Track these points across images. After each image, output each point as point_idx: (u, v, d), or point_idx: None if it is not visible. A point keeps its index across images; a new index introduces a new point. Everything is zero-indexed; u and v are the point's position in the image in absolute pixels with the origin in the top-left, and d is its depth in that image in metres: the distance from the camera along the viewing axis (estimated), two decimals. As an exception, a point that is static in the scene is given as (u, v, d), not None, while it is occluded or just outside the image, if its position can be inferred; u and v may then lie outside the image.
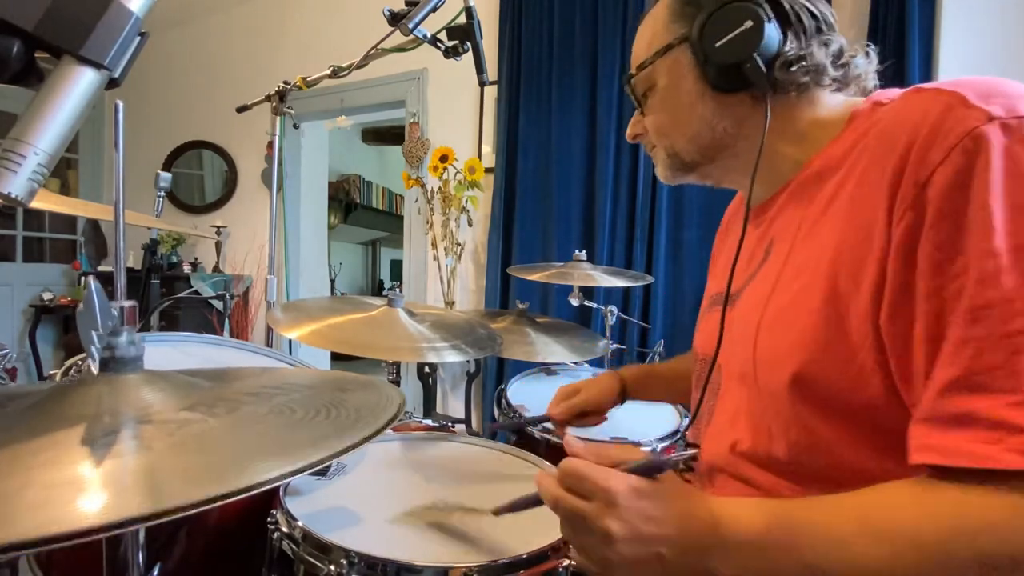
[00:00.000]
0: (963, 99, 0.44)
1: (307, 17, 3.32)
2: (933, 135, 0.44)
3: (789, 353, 0.53)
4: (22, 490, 0.34)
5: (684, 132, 0.65)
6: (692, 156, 0.66)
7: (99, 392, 0.46)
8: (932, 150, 0.44)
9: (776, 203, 0.64)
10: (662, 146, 0.68)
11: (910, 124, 0.46)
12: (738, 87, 0.60)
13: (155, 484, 0.36)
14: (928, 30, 1.89)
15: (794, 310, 0.54)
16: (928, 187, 0.43)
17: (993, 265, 0.40)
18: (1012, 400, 0.39)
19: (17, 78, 0.39)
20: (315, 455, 0.40)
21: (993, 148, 0.41)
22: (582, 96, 2.40)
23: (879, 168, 0.48)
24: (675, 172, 0.69)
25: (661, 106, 0.66)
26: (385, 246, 6.47)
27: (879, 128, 0.51)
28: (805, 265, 0.54)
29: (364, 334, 1.09)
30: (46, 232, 3.99)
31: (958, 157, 0.42)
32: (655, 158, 0.71)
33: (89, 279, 0.52)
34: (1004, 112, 0.42)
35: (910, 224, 0.44)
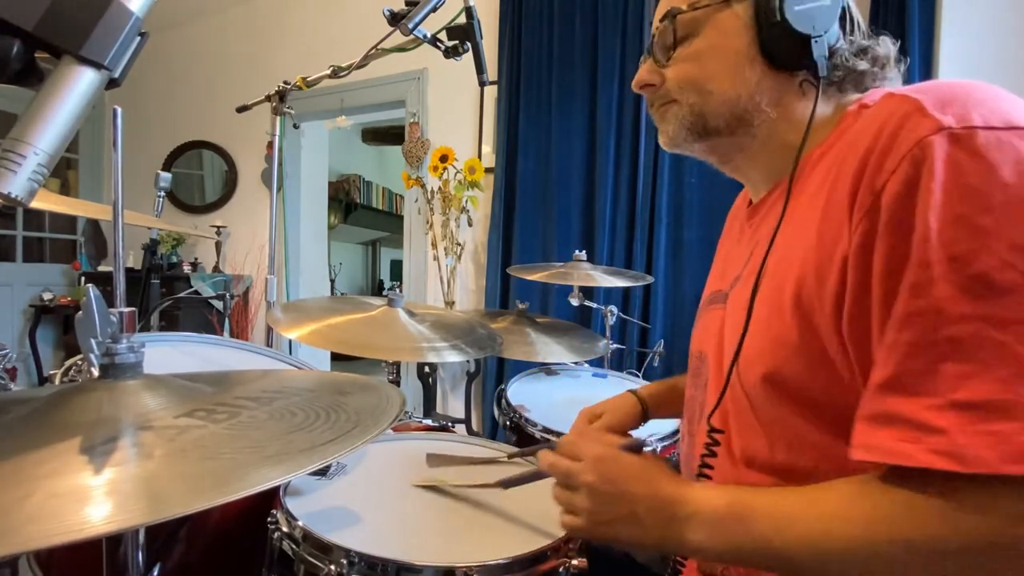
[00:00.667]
0: (920, 107, 0.45)
1: (307, 17, 3.33)
2: (889, 143, 0.45)
3: (764, 353, 0.54)
4: (26, 500, 0.34)
5: (721, 93, 0.60)
6: (718, 122, 0.61)
7: (99, 399, 0.46)
8: (887, 158, 0.45)
9: (768, 202, 0.64)
10: (686, 103, 0.62)
11: (873, 130, 0.47)
12: (791, 64, 0.57)
13: (156, 492, 0.36)
14: (928, 30, 1.89)
15: (767, 311, 0.54)
16: (882, 195, 0.44)
17: (926, 274, 0.42)
18: (932, 403, 0.41)
19: (17, 78, 0.39)
20: (315, 461, 0.40)
21: (936, 159, 0.42)
22: (582, 96, 2.41)
23: (845, 174, 0.48)
24: (688, 134, 0.63)
25: (700, 58, 0.60)
26: (385, 246, 6.47)
27: (852, 132, 0.52)
28: (779, 267, 0.55)
29: (364, 334, 1.09)
30: (46, 232, 3.99)
31: (907, 166, 0.43)
32: (664, 116, 0.65)
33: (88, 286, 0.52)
34: (955, 122, 0.43)
35: (865, 230, 0.45)
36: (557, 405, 1.36)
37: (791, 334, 0.51)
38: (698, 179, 2.21)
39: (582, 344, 1.55)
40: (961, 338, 0.40)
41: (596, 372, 1.62)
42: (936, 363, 0.41)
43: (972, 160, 0.42)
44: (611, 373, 1.62)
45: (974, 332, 0.40)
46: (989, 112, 0.43)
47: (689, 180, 2.23)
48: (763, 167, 0.64)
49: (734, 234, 0.76)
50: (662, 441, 1.13)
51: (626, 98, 2.32)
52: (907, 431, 0.42)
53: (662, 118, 0.66)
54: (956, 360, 0.41)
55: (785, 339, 0.52)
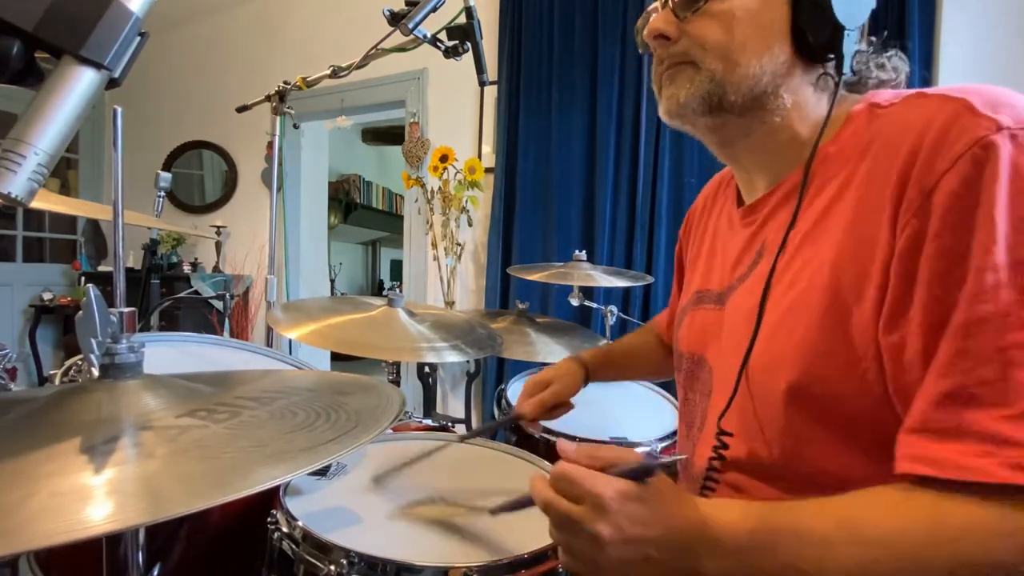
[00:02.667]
0: (970, 106, 0.43)
1: (307, 17, 3.32)
2: (940, 142, 0.43)
3: (788, 360, 0.52)
4: (28, 499, 0.34)
5: (748, 67, 0.55)
6: (736, 97, 0.56)
7: (99, 399, 0.46)
8: (939, 157, 0.43)
9: (770, 202, 0.62)
10: (708, 68, 0.56)
11: (915, 129, 0.45)
12: (819, 53, 0.55)
13: (157, 492, 0.36)
14: (928, 30, 1.89)
15: (792, 317, 0.53)
16: (934, 194, 0.43)
17: (992, 279, 0.40)
18: (1004, 414, 0.39)
19: (17, 78, 0.38)
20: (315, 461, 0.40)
21: (1002, 159, 0.41)
22: (582, 96, 2.41)
23: (883, 174, 0.47)
24: (700, 105, 0.57)
25: (732, 22, 0.55)
26: (385, 246, 6.46)
27: (883, 133, 0.50)
28: (803, 271, 0.53)
29: (364, 334, 1.09)
30: (46, 232, 3.99)
31: (966, 166, 0.42)
32: (677, 79, 0.58)
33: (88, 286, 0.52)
34: (1013, 122, 0.42)
35: (914, 232, 0.43)
36: (557, 405, 1.35)
37: (823, 340, 0.49)
38: (698, 179, 2.21)
39: (582, 344, 1.55)
40: None
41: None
42: (1007, 371, 0.39)
43: None
44: (611, 373, 1.62)
45: None
46: None
47: (689, 180, 2.22)
48: (765, 160, 0.62)
49: (721, 232, 0.73)
50: (661, 442, 1.13)
51: (626, 98, 2.32)
52: (978, 444, 0.39)
53: (671, 80, 0.59)
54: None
55: (814, 345, 0.50)
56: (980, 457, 0.39)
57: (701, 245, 0.79)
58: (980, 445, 0.39)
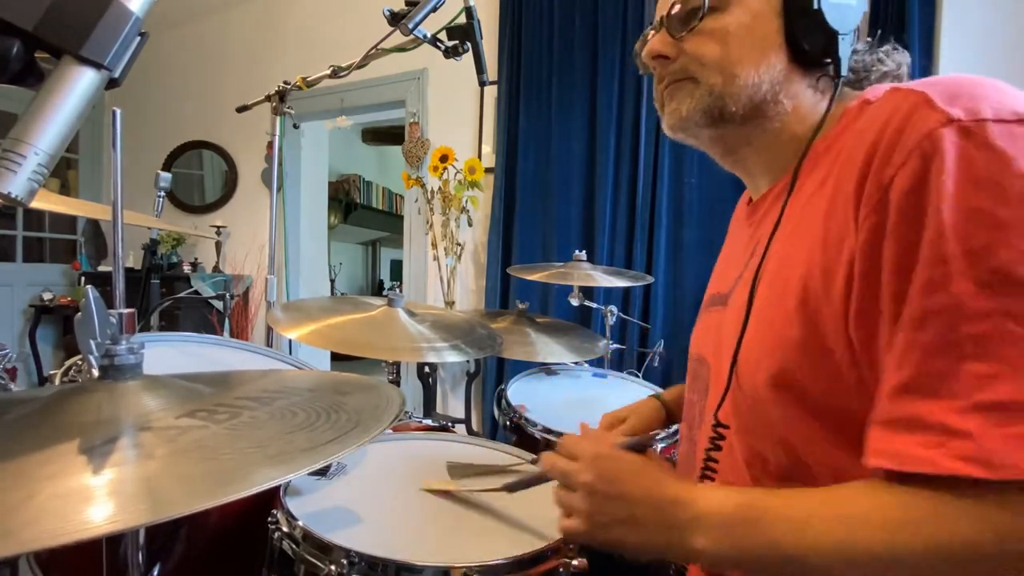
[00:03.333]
0: (928, 100, 0.44)
1: (307, 17, 3.33)
2: (896, 136, 0.44)
3: (767, 354, 0.53)
4: (29, 500, 0.34)
5: (746, 78, 0.57)
6: (737, 107, 0.58)
7: (99, 400, 0.46)
8: (894, 152, 0.44)
9: (768, 199, 0.63)
10: (706, 82, 0.58)
11: (879, 124, 0.46)
12: (815, 59, 0.56)
13: (158, 492, 0.36)
14: (928, 30, 1.89)
15: (771, 311, 0.53)
16: (890, 189, 0.43)
17: (942, 271, 0.40)
18: (955, 405, 0.39)
19: (17, 78, 0.38)
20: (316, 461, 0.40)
21: (947, 152, 0.41)
22: (582, 96, 2.41)
23: (850, 169, 0.47)
24: (703, 118, 0.59)
25: (727, 38, 0.57)
26: (385, 246, 6.46)
27: (857, 129, 0.51)
28: (782, 266, 0.54)
29: (364, 334, 1.09)
30: (46, 232, 3.99)
31: (916, 160, 0.42)
32: (677, 95, 0.60)
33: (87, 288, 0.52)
34: (964, 114, 0.42)
35: (873, 226, 0.44)
36: (557, 405, 1.36)
37: (796, 334, 0.50)
38: (698, 179, 2.21)
39: (582, 344, 1.55)
40: (982, 335, 0.39)
41: (596, 372, 1.62)
42: (957, 363, 0.39)
43: (985, 152, 0.41)
44: (611, 373, 1.62)
45: (996, 328, 0.39)
46: (999, 104, 0.42)
47: (689, 180, 2.22)
48: (767, 161, 0.63)
49: (733, 232, 0.75)
50: (662, 441, 1.14)
51: (626, 98, 2.32)
52: (929, 436, 0.40)
53: (672, 96, 0.61)
54: (978, 359, 0.39)
55: (790, 339, 0.51)
56: (930, 448, 0.40)
57: (723, 252, 0.81)
58: (931, 436, 0.40)
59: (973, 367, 0.39)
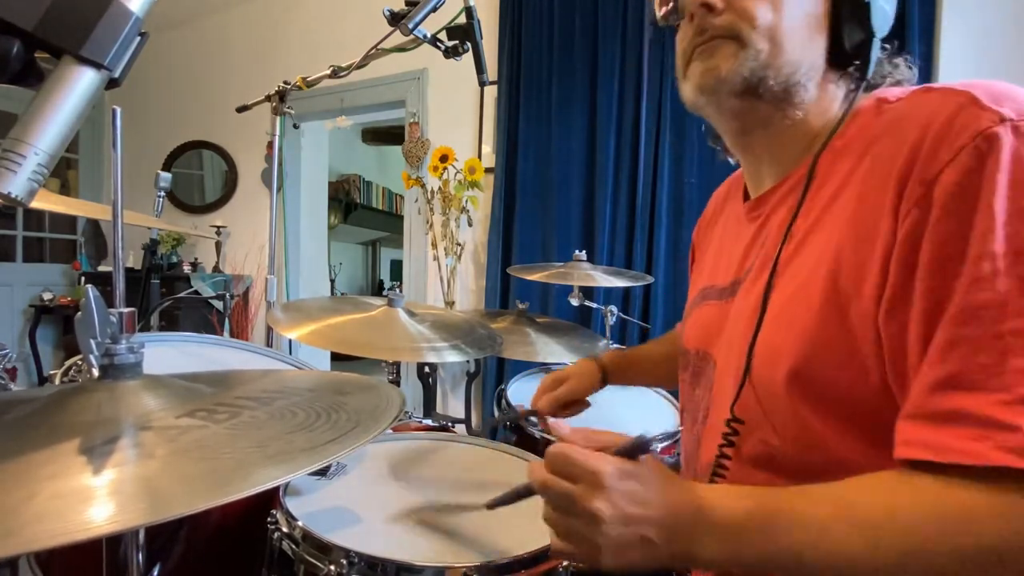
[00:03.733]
0: (974, 99, 0.44)
1: (307, 17, 3.32)
2: (943, 134, 0.44)
3: (788, 349, 0.52)
4: (29, 500, 0.34)
5: (793, 52, 0.55)
6: (776, 82, 0.55)
7: (99, 399, 0.46)
8: (941, 148, 0.44)
9: (776, 195, 0.62)
10: (754, 47, 0.54)
11: (919, 122, 0.46)
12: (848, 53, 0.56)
13: (158, 492, 0.36)
14: (928, 30, 1.89)
15: (793, 307, 0.53)
16: (935, 185, 0.43)
17: (990, 267, 0.41)
18: (1001, 399, 0.39)
19: (17, 78, 0.38)
20: (316, 461, 0.40)
21: (1004, 150, 0.41)
22: (582, 96, 2.41)
23: (886, 166, 0.47)
24: (740, 84, 0.55)
25: (783, 7, 0.54)
26: (385, 246, 6.46)
27: (888, 126, 0.51)
28: (806, 262, 0.54)
29: (364, 334, 1.09)
30: (46, 232, 3.99)
31: (967, 157, 0.42)
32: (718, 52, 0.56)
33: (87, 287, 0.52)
34: (1016, 115, 0.42)
35: (915, 221, 0.44)
36: (557, 405, 1.36)
37: (822, 329, 0.50)
38: (698, 179, 2.21)
39: (582, 344, 1.55)
40: None
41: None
42: (1002, 358, 0.40)
43: None
44: (611, 373, 1.62)
45: None
46: None
47: (689, 180, 2.22)
48: (777, 150, 0.62)
49: (729, 229, 0.73)
50: (661, 442, 1.14)
51: (626, 98, 2.32)
52: (975, 429, 0.40)
53: (711, 53, 0.57)
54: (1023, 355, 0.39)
55: (814, 334, 0.50)
56: (976, 441, 0.39)
57: (709, 246, 0.80)
58: (976, 429, 0.40)
59: (1018, 362, 0.39)
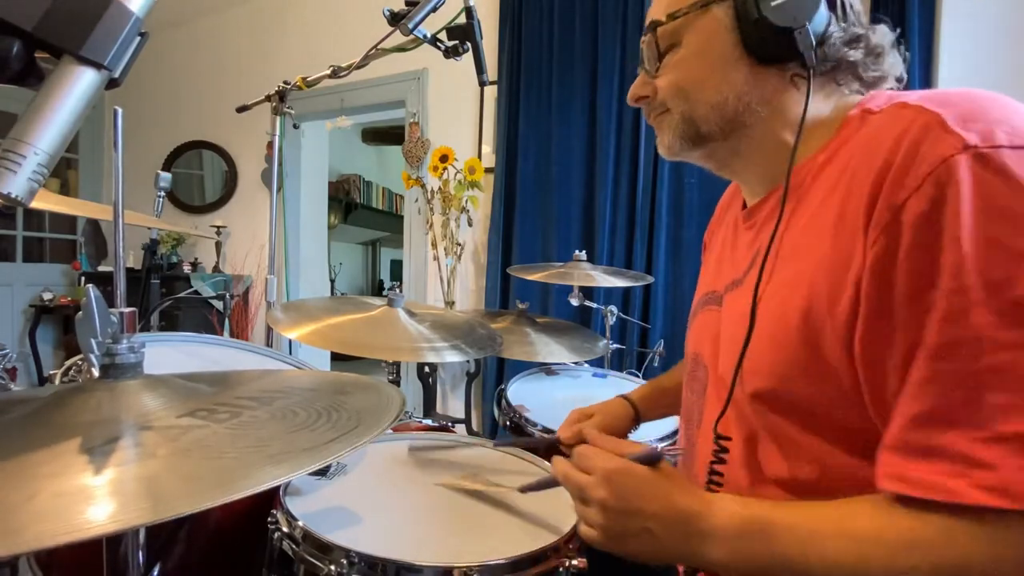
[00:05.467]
0: (941, 122, 0.43)
1: (307, 17, 3.32)
2: (909, 159, 0.43)
3: (769, 368, 0.53)
4: (30, 500, 0.34)
5: (709, 98, 0.59)
6: (709, 127, 0.60)
7: (100, 399, 0.46)
8: (907, 175, 0.43)
9: (766, 207, 0.63)
10: (677, 111, 0.61)
11: (889, 143, 0.45)
12: (779, 58, 0.56)
13: (160, 491, 0.36)
14: (928, 29, 1.89)
15: (773, 326, 0.53)
16: (902, 213, 0.43)
17: (961, 302, 0.40)
18: (977, 436, 0.40)
19: (17, 78, 0.38)
20: (317, 460, 0.40)
21: (962, 181, 0.41)
22: (582, 96, 2.41)
23: (859, 186, 0.47)
24: (683, 143, 0.62)
25: (685, 66, 0.60)
26: (385, 246, 6.46)
27: (864, 142, 0.50)
28: (787, 279, 0.53)
29: (364, 334, 1.09)
30: (46, 232, 3.99)
31: (930, 187, 0.42)
32: (661, 126, 0.64)
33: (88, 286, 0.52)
34: (980, 140, 0.41)
35: (883, 249, 0.44)
36: (557, 405, 1.36)
37: (796, 351, 0.50)
38: (698, 179, 2.21)
39: (582, 344, 1.55)
40: (1004, 367, 0.39)
41: (596, 372, 1.62)
42: (979, 394, 0.40)
43: (1002, 181, 0.40)
44: (611, 373, 1.62)
45: (1017, 359, 0.39)
46: (1012, 130, 0.42)
47: (689, 180, 2.23)
48: (760, 169, 0.63)
49: (728, 233, 0.74)
50: (661, 441, 1.14)
51: (625, 98, 2.32)
52: (951, 465, 0.40)
53: (659, 128, 0.65)
54: (1001, 390, 0.39)
55: (789, 355, 0.51)
56: (953, 478, 0.40)
57: (714, 250, 0.80)
58: (953, 466, 0.40)
59: (995, 398, 0.39)
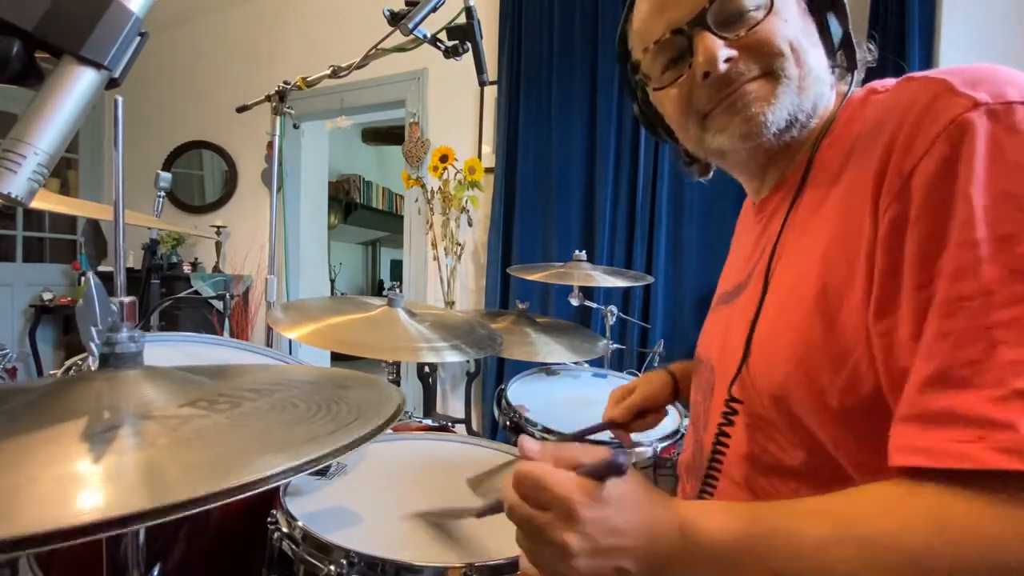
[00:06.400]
0: (949, 86, 0.43)
1: (307, 17, 3.32)
2: (918, 124, 0.43)
3: (783, 355, 0.52)
4: (26, 485, 0.34)
5: (813, 60, 0.54)
6: (809, 106, 0.55)
7: (99, 388, 0.46)
8: (917, 139, 0.42)
9: (775, 198, 0.62)
10: (787, 74, 0.53)
11: (897, 113, 0.45)
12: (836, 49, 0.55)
13: (158, 479, 0.36)
14: (928, 29, 1.89)
15: (786, 311, 0.52)
16: (913, 177, 0.42)
17: (972, 256, 0.39)
18: (993, 394, 0.36)
19: (17, 78, 0.39)
20: (318, 450, 0.40)
21: (978, 135, 0.40)
22: (582, 96, 2.41)
23: (867, 160, 0.46)
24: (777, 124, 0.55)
25: (790, 25, 0.53)
26: (385, 246, 6.46)
27: (872, 119, 0.50)
28: (796, 264, 0.53)
29: (364, 334, 1.09)
30: (46, 232, 3.99)
31: (942, 146, 0.41)
32: (749, 98, 0.54)
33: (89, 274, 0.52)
34: (990, 98, 0.41)
35: (895, 216, 0.43)
36: (557, 405, 1.36)
37: (815, 333, 0.49)
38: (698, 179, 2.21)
39: (582, 344, 1.55)
40: (1015, 321, 0.37)
41: (596, 372, 1.62)
42: (991, 350, 0.37)
43: (1014, 135, 0.39)
44: (611, 373, 1.62)
45: None
46: (1022, 88, 0.41)
47: (689, 180, 2.22)
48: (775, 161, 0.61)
49: (741, 234, 0.74)
50: (662, 441, 1.13)
51: (626, 98, 2.32)
52: (967, 429, 0.37)
53: (745, 101, 0.55)
54: (1013, 345, 0.36)
55: (809, 338, 0.49)
56: (971, 442, 0.36)
57: (731, 251, 0.80)
58: (970, 429, 0.37)
59: (1008, 353, 0.36)
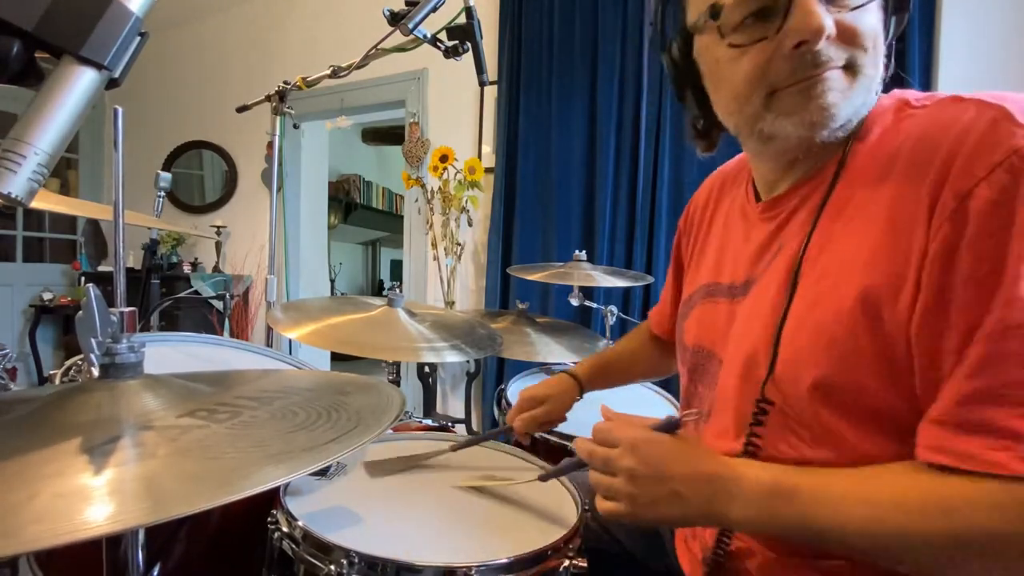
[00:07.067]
0: (1008, 114, 0.45)
1: (307, 17, 3.32)
2: (978, 148, 0.45)
3: (816, 356, 0.52)
4: (30, 500, 0.34)
5: (878, 81, 0.55)
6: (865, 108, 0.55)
7: (100, 399, 0.46)
8: (976, 164, 0.44)
9: (794, 198, 0.61)
10: (866, 73, 0.52)
11: (953, 133, 0.47)
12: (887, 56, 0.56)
13: (160, 491, 0.36)
14: (928, 30, 1.89)
15: (820, 314, 0.53)
16: (969, 200, 0.44)
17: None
18: None
19: (17, 78, 0.39)
20: (318, 460, 0.40)
21: None
22: (582, 96, 2.40)
23: (919, 175, 0.48)
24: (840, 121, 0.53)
25: (880, 33, 0.53)
26: (385, 246, 6.46)
27: (919, 134, 0.50)
28: (830, 268, 0.53)
29: (364, 334, 1.09)
30: (46, 232, 3.99)
31: (1003, 175, 0.43)
32: (825, 85, 0.51)
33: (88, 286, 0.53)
34: None
35: (948, 235, 0.45)
36: (557, 405, 1.35)
37: (853, 336, 0.50)
38: (698, 179, 2.20)
39: (582, 344, 1.55)
40: None
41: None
42: None
43: None
44: (611, 373, 1.62)
45: None
46: None
47: (689, 180, 2.23)
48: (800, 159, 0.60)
49: (734, 225, 0.72)
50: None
51: (626, 98, 2.32)
52: (998, 440, 0.42)
53: (824, 85, 0.51)
54: None
55: (845, 342, 0.51)
56: (998, 451, 0.42)
57: (707, 239, 0.79)
58: (1000, 440, 0.42)
59: None
